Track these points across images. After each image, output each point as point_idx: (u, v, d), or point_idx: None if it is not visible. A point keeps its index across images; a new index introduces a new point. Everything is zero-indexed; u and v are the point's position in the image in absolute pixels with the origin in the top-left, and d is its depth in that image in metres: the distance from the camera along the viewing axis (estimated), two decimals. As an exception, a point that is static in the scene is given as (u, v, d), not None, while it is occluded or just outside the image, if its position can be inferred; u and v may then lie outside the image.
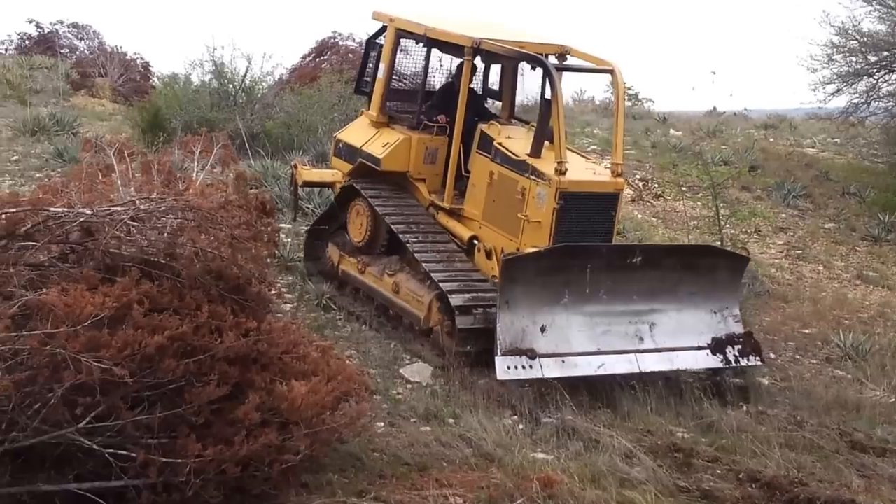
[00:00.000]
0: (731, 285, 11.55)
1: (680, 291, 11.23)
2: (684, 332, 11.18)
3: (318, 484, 7.93)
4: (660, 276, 11.13)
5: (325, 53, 30.82)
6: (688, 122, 27.90)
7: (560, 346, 10.61)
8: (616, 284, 10.93)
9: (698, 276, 11.30)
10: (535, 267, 10.57)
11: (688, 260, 11.42)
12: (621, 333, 10.97)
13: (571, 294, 10.74)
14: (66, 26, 36.46)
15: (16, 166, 17.91)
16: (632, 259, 10.96)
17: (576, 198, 11.23)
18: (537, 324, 10.54)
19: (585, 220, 11.37)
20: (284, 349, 7.81)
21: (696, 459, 9.19)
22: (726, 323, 11.33)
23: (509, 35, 12.45)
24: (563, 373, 10.49)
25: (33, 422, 6.41)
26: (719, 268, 11.45)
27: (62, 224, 7.07)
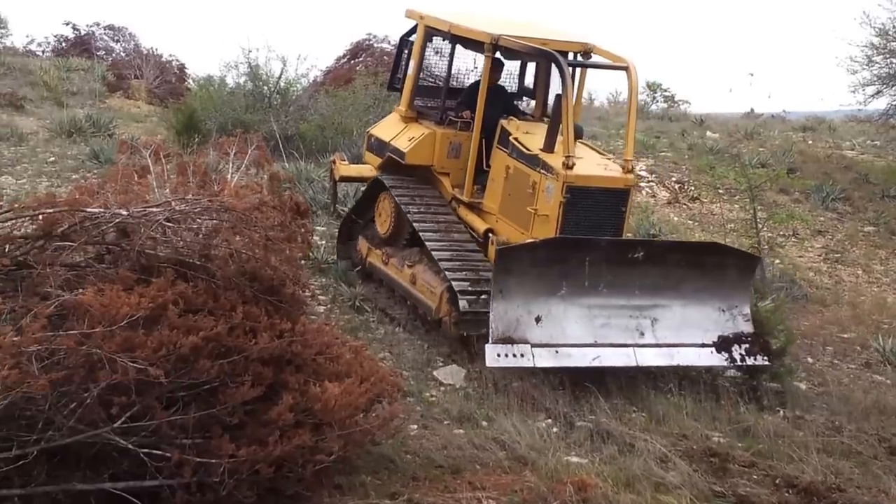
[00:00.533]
0: (741, 284, 11.46)
1: (685, 288, 11.19)
2: (688, 328, 11.15)
3: (351, 485, 7.91)
4: (663, 271, 11.11)
5: (359, 55, 30.86)
6: (725, 124, 27.72)
7: (555, 336, 10.63)
8: (617, 278, 10.93)
9: (704, 273, 11.24)
10: (531, 258, 10.61)
11: (693, 257, 11.36)
12: (621, 327, 10.96)
13: (569, 286, 10.76)
14: (103, 28, 36.64)
15: (52, 167, 17.99)
16: (633, 254, 10.95)
17: (583, 192, 11.28)
18: (532, 314, 10.56)
19: (594, 215, 11.40)
20: (318, 350, 7.82)
21: (733, 464, 9.13)
22: (735, 321, 11.26)
23: (536, 33, 12.48)
24: (556, 363, 10.57)
25: (69, 421, 6.44)
26: (728, 266, 11.37)
27: (98, 225, 7.11)
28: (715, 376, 11.36)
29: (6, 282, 6.94)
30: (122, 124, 22.55)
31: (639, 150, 21.89)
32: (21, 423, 6.45)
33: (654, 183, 20.50)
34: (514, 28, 12.53)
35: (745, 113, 30.40)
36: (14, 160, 18.26)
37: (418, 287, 12.16)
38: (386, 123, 13.97)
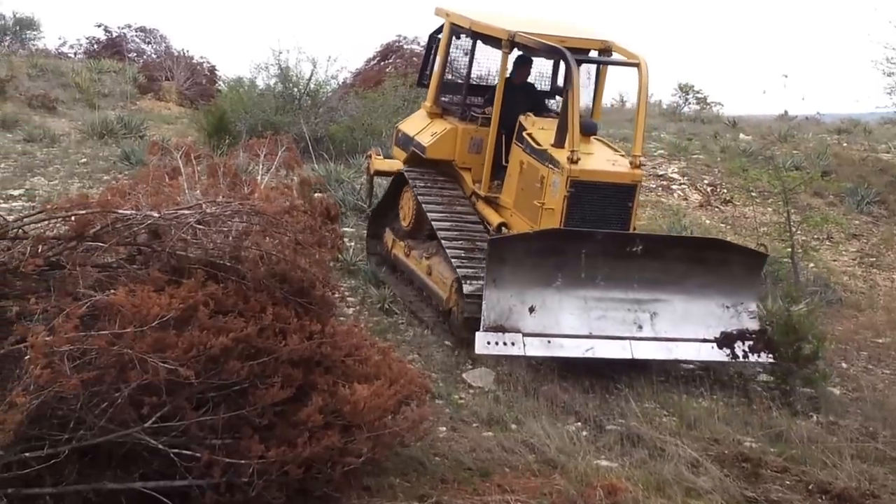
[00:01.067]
0: (748, 281, 11.52)
1: (687, 283, 11.27)
2: (689, 323, 11.23)
3: (380, 487, 7.93)
4: (664, 266, 11.22)
5: (389, 57, 30.94)
6: (758, 126, 27.58)
7: (549, 327, 10.83)
8: (615, 271, 11.07)
9: (708, 269, 11.33)
10: (525, 248, 10.80)
11: (694, 252, 11.48)
12: (618, 320, 11.09)
13: (565, 277, 10.92)
14: (134, 30, 36.84)
15: (84, 168, 18.08)
16: (631, 247, 11.06)
17: (588, 187, 11.38)
18: (526, 304, 10.77)
19: (600, 210, 11.47)
20: (347, 352, 7.83)
21: (765, 469, 9.08)
22: (740, 318, 11.33)
23: (556, 31, 12.55)
24: (548, 353, 10.79)
25: (100, 421, 6.47)
26: (733, 262, 11.45)
27: (130, 226, 7.13)
28: (747, 380, 11.33)
29: (39, 282, 6.96)
30: (152, 126, 22.67)
31: (671, 153, 21.86)
32: (53, 422, 6.48)
33: (686, 185, 20.42)
34: (534, 26, 12.64)
35: (778, 115, 30.22)
36: (46, 161, 18.36)
37: (433, 278, 12.36)
38: (413, 119, 14.19)
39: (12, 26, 38.12)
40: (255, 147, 9.49)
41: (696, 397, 10.75)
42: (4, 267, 6.89)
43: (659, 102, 32.43)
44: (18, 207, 14.69)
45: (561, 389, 10.51)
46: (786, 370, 11.00)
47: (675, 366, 11.65)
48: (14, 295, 6.98)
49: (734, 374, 11.57)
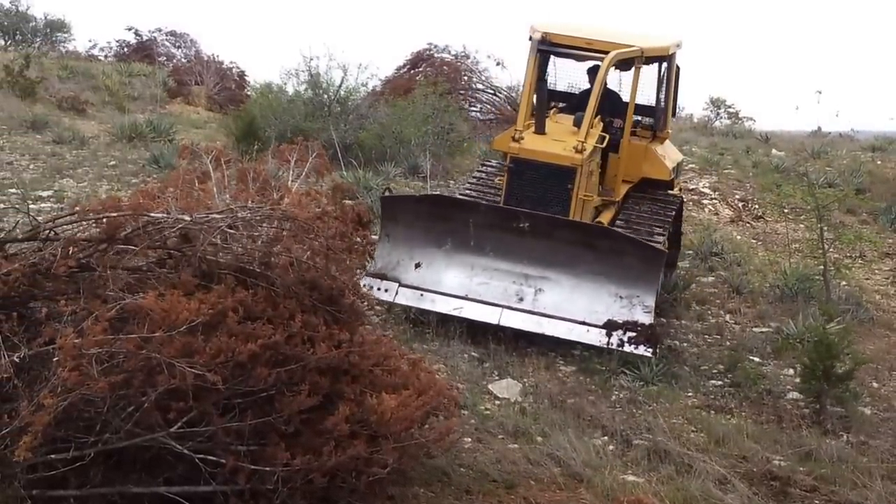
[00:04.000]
0: (645, 275, 11.59)
1: (579, 267, 11.59)
2: (573, 305, 11.55)
3: (404, 497, 7.90)
4: (553, 246, 11.57)
5: (419, 65, 30.95)
6: (791, 142, 27.56)
7: (427, 283, 11.84)
8: (504, 244, 11.64)
9: (599, 256, 11.56)
10: (414, 210, 11.72)
11: (584, 237, 11.70)
12: (500, 289, 11.67)
13: (454, 243, 11.81)
14: (164, 34, 37.06)
15: (113, 171, 18.13)
16: (518, 223, 11.55)
17: (528, 165, 12.29)
18: (413, 259, 11.72)
19: (540, 190, 12.20)
20: (375, 361, 7.81)
21: (794, 488, 9.02)
22: (632, 310, 11.50)
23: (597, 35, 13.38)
24: (418, 304, 11.87)
25: (126, 424, 6.47)
26: (626, 254, 11.63)
27: (161, 230, 7.12)
28: (777, 398, 11.24)
29: (68, 284, 6.95)
30: (181, 130, 22.75)
31: (702, 167, 21.80)
32: (79, 424, 6.49)
33: (718, 200, 20.40)
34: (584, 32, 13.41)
35: (812, 131, 30.17)
36: (75, 163, 18.42)
37: None
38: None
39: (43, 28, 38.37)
40: (285, 152, 9.47)
41: (724, 414, 10.70)
42: (35, 268, 6.88)
43: (691, 116, 32.44)
44: (47, 209, 14.74)
45: (588, 403, 10.47)
46: (817, 389, 10.91)
47: (703, 382, 11.61)
48: (44, 296, 6.99)
49: (763, 391, 11.50)
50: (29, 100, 23.67)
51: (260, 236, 7.54)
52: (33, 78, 24.82)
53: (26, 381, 6.40)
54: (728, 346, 13.03)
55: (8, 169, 17.53)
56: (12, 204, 14.82)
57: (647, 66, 14.07)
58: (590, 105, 12.43)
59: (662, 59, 14.26)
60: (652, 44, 13.82)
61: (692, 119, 32.42)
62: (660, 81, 14.59)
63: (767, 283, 15.73)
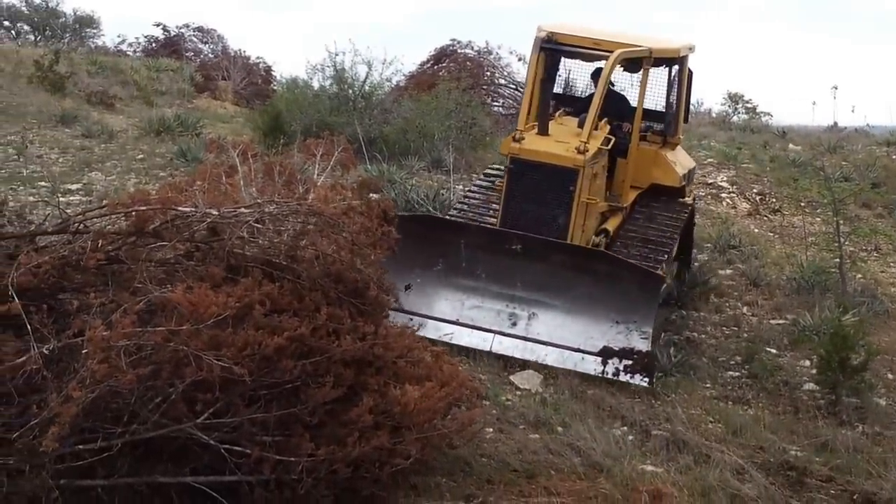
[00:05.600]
0: (643, 301, 11.16)
1: (575, 291, 11.24)
2: (569, 331, 11.17)
3: (427, 486, 7.97)
4: (548, 270, 11.26)
5: (443, 61, 31.07)
6: (807, 136, 27.54)
7: (418, 306, 11.23)
8: (496, 267, 11.27)
9: (597, 280, 11.21)
10: (405, 230, 10.76)
11: (581, 261, 11.41)
12: (493, 313, 11.28)
13: (446, 264, 11.34)
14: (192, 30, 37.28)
15: (140, 165, 18.30)
16: (510, 245, 11.25)
17: (529, 166, 11.86)
18: (403, 281, 11.00)
19: (541, 192, 11.82)
20: (399, 353, 7.87)
21: (810, 478, 9.08)
22: (629, 336, 11.05)
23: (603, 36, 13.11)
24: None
25: (154, 415, 6.53)
26: (624, 279, 11.22)
27: (189, 223, 7.20)
28: (793, 389, 11.31)
29: (97, 276, 7.04)
30: (208, 124, 22.91)
31: (720, 161, 21.85)
32: (107, 415, 6.52)
33: (735, 194, 20.44)
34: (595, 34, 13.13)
35: (828, 126, 30.16)
36: (104, 157, 18.59)
37: None
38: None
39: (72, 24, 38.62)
40: (311, 147, 9.55)
41: (741, 404, 10.77)
42: (65, 261, 6.95)
43: (709, 111, 32.46)
44: (76, 202, 14.89)
45: (608, 393, 10.55)
46: (833, 380, 10.97)
47: (721, 373, 11.69)
48: (73, 288, 7.07)
49: (780, 382, 11.57)
50: (58, 94, 23.88)
51: (286, 230, 7.62)
52: (63, 73, 25.03)
53: (55, 372, 6.43)
54: (745, 338, 13.11)
55: (38, 162, 17.70)
56: (42, 197, 14.97)
57: (657, 70, 13.92)
58: (592, 106, 12.16)
59: (672, 61, 14.00)
60: (661, 45, 13.59)
61: (710, 114, 32.43)
62: (670, 85, 14.36)
63: (784, 275, 15.79)
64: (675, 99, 14.38)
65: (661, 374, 11.27)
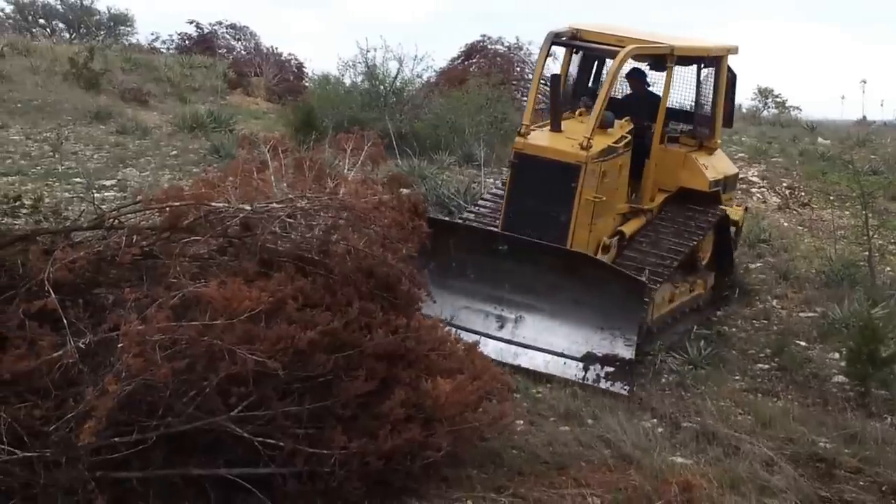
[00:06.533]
0: (628, 307, 10.86)
1: (562, 295, 11.00)
2: (554, 336, 10.95)
3: (458, 478, 7.98)
4: (535, 272, 11.05)
5: (473, 57, 31.11)
6: (836, 130, 27.50)
7: None
8: (484, 268, 11.11)
9: (585, 285, 10.96)
10: None
11: (566, 264, 11.16)
12: (481, 315, 11.08)
13: (437, 264, 10.78)
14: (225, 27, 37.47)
15: (174, 160, 18.44)
16: (497, 246, 11.08)
17: (533, 161, 11.69)
18: None
19: (543, 188, 11.65)
20: (431, 347, 7.89)
21: (839, 470, 9.08)
22: (613, 343, 10.77)
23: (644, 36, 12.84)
24: None
25: (188, 408, 6.62)
26: (610, 284, 10.95)
27: (222, 219, 7.27)
28: (823, 381, 11.31)
29: (132, 271, 7.14)
30: (241, 120, 23.03)
31: (750, 155, 21.81)
32: (142, 408, 6.61)
33: (766, 188, 20.40)
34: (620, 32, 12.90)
35: (857, 120, 30.08)
36: (138, 153, 18.74)
37: None
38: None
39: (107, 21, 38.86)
40: (341, 142, 9.58)
41: (771, 397, 10.78)
42: (100, 256, 7.05)
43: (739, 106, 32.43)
44: (111, 197, 15.01)
45: (638, 386, 10.58)
46: (862, 372, 10.97)
47: (750, 366, 11.71)
48: (108, 283, 7.19)
49: (809, 374, 11.58)
50: (93, 91, 24.05)
51: (318, 225, 7.68)
52: (97, 70, 25.21)
53: (91, 366, 6.53)
54: (775, 331, 13.09)
55: (73, 159, 17.87)
56: (77, 193, 15.13)
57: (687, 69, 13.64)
58: (599, 100, 11.96)
59: (702, 61, 13.58)
60: (685, 43, 13.29)
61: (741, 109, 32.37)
62: (699, 85, 13.88)
63: (813, 268, 15.73)
64: (706, 100, 13.95)
65: (692, 367, 11.29)
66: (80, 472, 6.36)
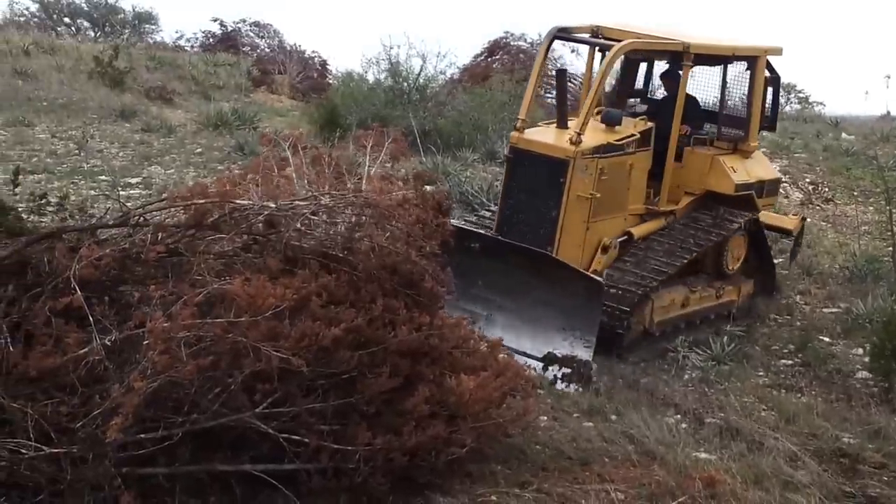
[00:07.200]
0: (586, 308, 10.74)
1: (530, 294, 10.87)
2: (520, 335, 10.77)
3: (482, 474, 8.01)
4: (505, 270, 10.96)
5: (496, 53, 31.12)
6: (861, 126, 27.35)
7: None
8: (460, 265, 10.46)
9: (546, 283, 10.83)
10: None
11: (529, 262, 11.01)
12: (456, 311, 10.65)
13: None
14: (248, 25, 37.49)
15: (199, 158, 18.50)
16: (469, 243, 10.90)
17: (526, 156, 11.70)
18: None
19: (535, 182, 11.69)
20: (454, 344, 7.92)
21: (863, 465, 9.08)
22: (573, 345, 10.65)
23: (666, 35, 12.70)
24: None
25: (214, 405, 6.66)
26: (569, 283, 10.82)
27: (247, 216, 7.30)
28: (846, 377, 11.29)
29: (158, 268, 7.18)
30: (265, 118, 23.05)
31: (773, 151, 21.74)
32: (168, 404, 6.66)
33: (788, 184, 20.32)
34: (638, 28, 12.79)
35: (881, 115, 29.91)
36: (163, 151, 18.82)
37: None
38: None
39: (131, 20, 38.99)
40: (362, 139, 9.60)
41: (795, 392, 10.77)
42: (125, 253, 7.08)
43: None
44: (136, 195, 15.08)
45: (661, 382, 10.59)
46: (886, 368, 10.94)
47: (774, 362, 11.69)
48: (134, 280, 7.21)
49: (833, 370, 11.56)
50: (118, 89, 24.13)
51: (342, 222, 7.69)
52: (122, 68, 25.29)
53: (117, 363, 6.59)
54: (798, 327, 13.08)
55: (98, 157, 17.95)
56: (103, 191, 15.20)
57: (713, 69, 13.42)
58: (590, 94, 11.86)
59: (727, 60, 13.28)
60: (704, 42, 12.85)
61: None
62: (724, 85, 13.56)
63: (837, 264, 15.67)
64: (735, 101, 13.74)
65: (715, 363, 11.29)
66: (107, 469, 6.40)
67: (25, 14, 38.72)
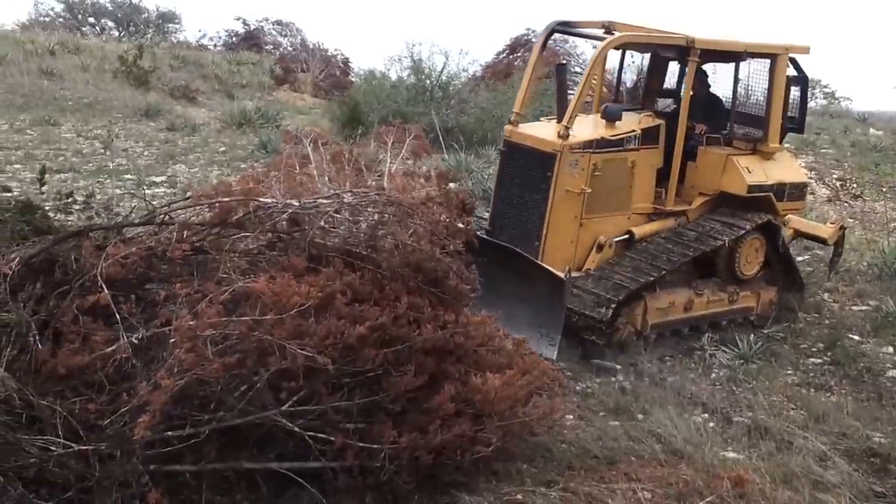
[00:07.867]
0: (551, 305, 10.55)
1: (505, 291, 10.42)
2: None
3: (508, 472, 8.00)
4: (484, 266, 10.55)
5: (518, 50, 31.14)
6: (889, 121, 27.22)
7: None
8: None
9: (518, 280, 10.68)
10: None
11: (502, 258, 10.72)
12: None
13: None
14: (271, 24, 37.67)
15: (223, 156, 18.56)
16: None
17: (517, 149, 11.72)
18: None
19: (525, 176, 11.62)
20: (480, 342, 7.88)
21: (894, 465, 9.00)
22: (539, 342, 10.27)
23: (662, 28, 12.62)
24: None
25: (240, 403, 6.67)
26: (536, 280, 10.68)
27: (271, 214, 7.29)
28: (877, 376, 11.21)
29: (183, 267, 7.18)
30: (288, 116, 23.16)
31: (798, 147, 21.64)
32: (195, 402, 6.68)
33: (815, 180, 20.23)
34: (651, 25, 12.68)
35: (910, 110, 29.83)
36: (187, 149, 18.90)
37: None
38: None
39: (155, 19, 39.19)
40: (383, 135, 9.58)
41: (824, 391, 10.70)
42: (151, 251, 7.11)
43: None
44: (161, 193, 15.13)
45: (688, 381, 10.53)
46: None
47: (802, 360, 11.61)
48: (160, 279, 7.22)
49: (863, 369, 11.47)
50: (142, 89, 24.28)
51: (366, 220, 7.68)
52: (146, 68, 25.45)
53: (144, 360, 6.62)
54: (827, 325, 12.92)
55: (123, 155, 18.06)
56: (128, 189, 15.27)
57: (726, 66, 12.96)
58: (578, 90, 11.63)
59: (738, 57, 12.68)
60: (709, 37, 12.33)
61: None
62: (736, 82, 12.95)
63: (865, 261, 15.50)
64: (750, 99, 13.28)
65: (743, 362, 11.22)
66: (135, 466, 6.44)
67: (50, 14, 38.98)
